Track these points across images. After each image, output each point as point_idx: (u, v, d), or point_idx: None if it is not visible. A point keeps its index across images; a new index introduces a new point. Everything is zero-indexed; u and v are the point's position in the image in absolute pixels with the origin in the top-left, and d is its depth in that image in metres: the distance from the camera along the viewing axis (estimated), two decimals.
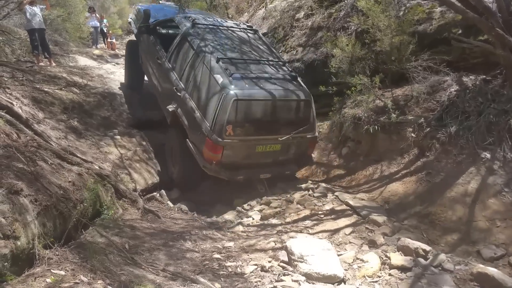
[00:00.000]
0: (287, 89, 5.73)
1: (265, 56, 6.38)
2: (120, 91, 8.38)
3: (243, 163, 5.62)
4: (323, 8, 7.71)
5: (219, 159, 5.33)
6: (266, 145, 5.60)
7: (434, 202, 4.45)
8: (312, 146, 6.18)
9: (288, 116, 5.70)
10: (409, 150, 5.34)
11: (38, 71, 7.79)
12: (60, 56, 11.25)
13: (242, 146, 5.50)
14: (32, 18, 8.80)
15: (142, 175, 6.04)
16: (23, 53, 10.48)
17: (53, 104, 6.45)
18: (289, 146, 5.81)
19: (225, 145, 5.27)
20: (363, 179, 5.70)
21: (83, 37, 14.68)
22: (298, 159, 6.06)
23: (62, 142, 5.39)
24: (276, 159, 5.87)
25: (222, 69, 5.48)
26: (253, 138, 5.48)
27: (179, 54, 6.38)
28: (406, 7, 6.13)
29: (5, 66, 6.94)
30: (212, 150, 5.29)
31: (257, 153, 5.60)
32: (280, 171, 5.95)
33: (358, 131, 6.01)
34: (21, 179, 3.28)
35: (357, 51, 6.14)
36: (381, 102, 5.87)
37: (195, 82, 5.82)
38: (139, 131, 7.19)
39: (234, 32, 6.80)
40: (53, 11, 12.38)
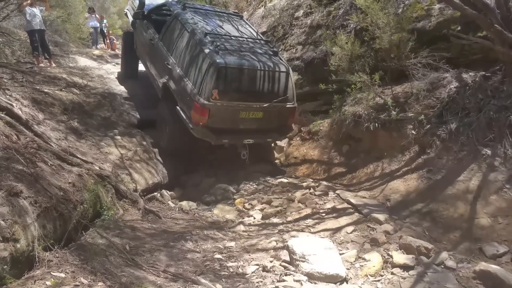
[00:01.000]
0: (268, 62, 6.24)
1: (248, 35, 6.94)
2: (120, 91, 8.38)
3: (227, 128, 6.12)
4: (322, 6, 7.70)
5: (205, 122, 5.83)
6: (249, 111, 6.10)
7: (436, 200, 4.43)
8: (292, 116, 6.66)
9: (269, 86, 6.20)
10: (410, 147, 5.32)
11: (38, 72, 7.78)
12: (60, 57, 11.24)
13: (227, 111, 5.98)
14: (32, 19, 8.81)
15: (143, 175, 6.03)
16: (23, 54, 10.48)
17: (53, 105, 6.44)
18: (271, 114, 6.30)
19: (211, 108, 5.76)
20: (364, 177, 5.68)
21: (83, 37, 14.69)
22: (279, 128, 6.59)
23: (62, 143, 5.38)
24: (259, 127, 6.36)
25: (209, 42, 6.03)
26: (237, 103, 5.98)
27: (170, 33, 6.94)
28: (404, 4, 6.10)
29: (5, 68, 6.93)
30: (199, 112, 5.79)
31: (241, 119, 6.10)
32: (263, 138, 6.54)
33: (358, 129, 5.99)
34: (21, 181, 3.28)
35: (356, 49, 6.14)
36: (381, 100, 5.86)
37: (184, 55, 6.36)
38: (140, 131, 7.17)
39: (221, 16, 7.50)
40: (53, 12, 12.41)
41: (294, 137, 7.59)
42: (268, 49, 6.59)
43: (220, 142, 6.16)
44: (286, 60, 8.13)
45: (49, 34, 11.41)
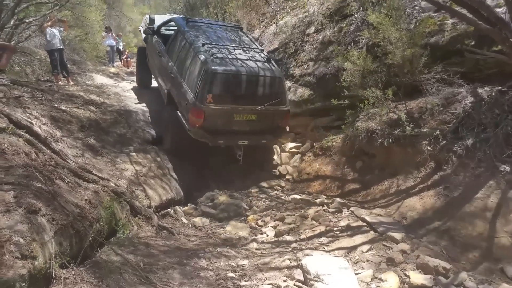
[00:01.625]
0: (261, 68, 6.67)
1: (244, 45, 7.38)
2: (136, 109, 8.52)
3: (223, 129, 6.55)
4: (333, 23, 7.74)
5: (201, 123, 6.29)
6: (243, 114, 6.54)
7: (453, 217, 4.35)
8: (286, 118, 7.07)
9: (261, 90, 6.61)
10: (426, 163, 5.25)
11: (57, 90, 7.99)
12: (78, 75, 11.54)
13: (221, 113, 6.43)
14: (52, 39, 9.10)
15: (157, 191, 6.08)
16: (42, 73, 10.81)
17: (70, 123, 6.58)
18: (264, 116, 6.73)
19: (206, 111, 6.22)
20: (379, 194, 5.62)
21: (100, 55, 15.05)
22: (273, 130, 6.98)
23: (79, 160, 5.48)
24: (253, 128, 6.78)
25: (205, 50, 6.54)
26: (230, 106, 6.41)
27: (174, 45, 7.59)
28: (417, 19, 6.10)
29: (25, 87, 7.13)
30: (195, 115, 6.27)
31: (235, 121, 6.55)
32: (257, 139, 6.92)
33: (372, 145, 5.95)
34: (39, 198, 3.35)
35: (368, 64, 6.13)
36: (395, 115, 5.82)
37: (184, 64, 6.90)
38: (154, 147, 7.27)
39: (221, 28, 8.11)
40: (71, 31, 12.77)
41: (307, 153, 7.58)
42: (262, 57, 7.05)
43: (216, 143, 6.61)
44: (298, 76, 8.24)
45: (67, 53, 11.76)
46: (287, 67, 8.71)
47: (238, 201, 6.07)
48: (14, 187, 3.33)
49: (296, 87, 8.21)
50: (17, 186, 3.35)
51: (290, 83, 8.41)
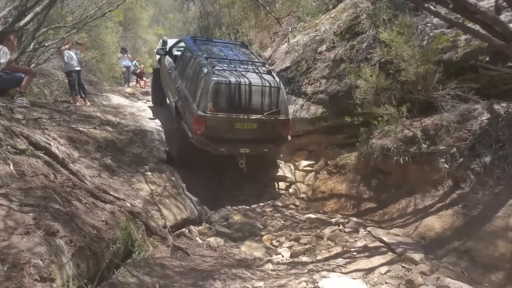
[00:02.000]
0: (261, 79, 6.95)
1: (247, 59, 7.79)
2: (151, 128, 8.64)
3: (224, 137, 6.76)
4: (345, 40, 7.79)
5: (202, 131, 6.57)
6: (244, 122, 6.78)
7: (474, 237, 4.24)
8: (287, 128, 7.29)
9: (261, 100, 6.86)
10: (443, 181, 5.17)
11: (74, 111, 8.15)
12: (94, 95, 11.80)
13: (222, 122, 6.68)
14: (69, 61, 9.35)
15: (172, 211, 6.10)
16: (60, 94, 11.08)
17: (87, 143, 6.69)
18: (265, 125, 6.96)
19: (207, 119, 6.52)
20: (396, 213, 5.54)
21: (116, 76, 15.37)
22: (275, 139, 7.18)
23: (95, 180, 5.55)
24: (254, 137, 6.96)
25: (208, 63, 6.90)
26: (231, 115, 6.65)
27: (182, 62, 8.08)
28: (429, 36, 6.11)
29: (44, 108, 7.29)
30: (197, 123, 6.56)
31: (236, 130, 6.76)
32: (258, 148, 7.13)
33: (387, 162, 5.90)
34: (58, 220, 3.39)
35: (381, 82, 6.13)
36: (410, 132, 5.78)
37: (189, 77, 7.30)
38: (169, 166, 7.32)
39: (226, 45, 8.63)
40: (88, 53, 13.12)
41: (321, 171, 7.54)
42: (263, 69, 7.38)
43: (217, 151, 6.81)
44: (310, 94, 8.27)
45: (84, 74, 12.04)
46: (299, 85, 8.76)
47: (252, 221, 6.06)
48: (33, 209, 3.39)
49: (308, 105, 8.24)
50: (36, 208, 3.41)
51: (302, 101, 8.45)
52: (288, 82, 9.16)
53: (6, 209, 3.26)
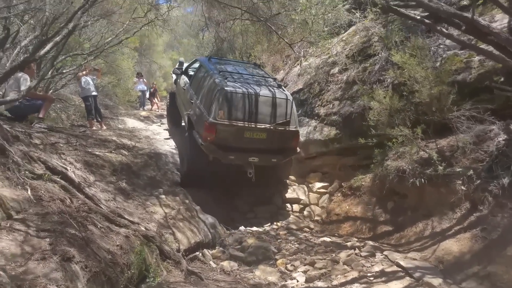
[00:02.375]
0: (271, 91, 7.12)
1: (257, 74, 8.01)
2: (165, 151, 8.72)
3: (234, 146, 6.85)
4: (357, 62, 7.83)
5: (213, 138, 6.70)
6: (253, 132, 6.88)
7: (493, 261, 4.13)
8: (296, 139, 7.33)
9: (270, 110, 6.97)
10: (460, 204, 5.08)
11: (91, 135, 8.30)
12: (110, 119, 12.01)
13: (232, 130, 6.78)
14: (86, 86, 9.58)
15: (185, 234, 6.08)
16: (76, 118, 11.31)
17: (103, 167, 6.78)
18: (274, 135, 7.01)
19: (217, 126, 6.67)
20: (413, 236, 5.43)
21: (131, 100, 15.66)
22: (284, 150, 7.21)
23: (111, 204, 5.59)
24: (263, 147, 7.06)
25: (221, 75, 7.20)
26: (241, 123, 6.77)
27: (196, 77, 8.38)
28: (442, 57, 6.11)
29: (61, 133, 7.44)
30: (207, 130, 6.71)
31: (245, 138, 6.87)
32: (267, 158, 7.10)
33: (403, 184, 5.82)
34: (73, 245, 3.42)
35: (395, 103, 6.11)
36: (425, 154, 5.72)
37: (202, 89, 7.56)
38: (182, 189, 7.35)
39: (239, 63, 8.99)
40: (104, 78, 13.42)
41: (335, 193, 7.48)
42: (273, 83, 7.54)
43: (227, 159, 6.88)
44: (323, 115, 8.28)
45: (100, 98, 12.29)
46: (312, 106, 8.80)
47: (266, 244, 5.99)
48: (50, 234, 3.42)
49: (322, 126, 8.24)
50: (52, 233, 3.44)
51: (315, 123, 8.47)
52: (301, 104, 9.21)
53: (24, 235, 3.30)
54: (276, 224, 7.07)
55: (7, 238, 3.17)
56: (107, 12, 9.78)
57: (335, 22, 5.73)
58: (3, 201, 3.59)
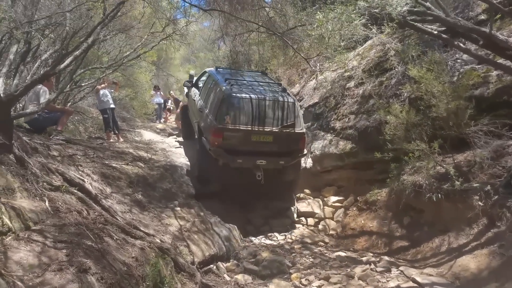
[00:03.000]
0: (276, 96, 7.33)
1: (263, 81, 8.26)
2: (181, 163, 8.80)
3: (241, 150, 7.03)
4: (373, 77, 7.82)
5: (220, 143, 6.90)
6: (260, 135, 7.03)
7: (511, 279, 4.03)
8: (302, 141, 7.43)
9: (276, 114, 7.13)
10: (478, 219, 4.98)
11: (108, 147, 8.44)
12: (127, 131, 12.21)
13: (239, 134, 6.96)
14: (104, 99, 9.78)
15: (200, 247, 6.09)
16: (94, 130, 11.53)
17: (120, 179, 6.87)
18: (280, 138, 7.14)
19: (225, 131, 6.89)
20: (429, 252, 5.34)
21: (148, 113, 15.89)
22: (291, 152, 7.29)
23: (126, 216, 5.66)
24: (270, 150, 7.17)
25: (227, 82, 7.42)
26: (247, 127, 6.96)
27: (205, 87, 8.62)
28: (459, 72, 6.06)
29: (79, 145, 7.60)
30: (215, 135, 6.94)
31: (253, 142, 7.03)
32: (275, 160, 7.19)
33: (419, 199, 5.75)
34: (89, 257, 3.47)
35: (412, 118, 6.07)
36: (442, 169, 5.64)
37: (210, 97, 7.79)
38: (197, 202, 7.38)
39: (245, 72, 9.33)
40: (122, 91, 13.68)
41: (351, 207, 7.42)
42: (278, 88, 7.77)
43: (235, 162, 7.04)
44: (339, 129, 8.27)
45: (117, 111, 12.50)
46: (327, 120, 8.80)
47: (281, 258, 5.96)
48: (66, 246, 3.48)
49: (337, 140, 8.22)
50: (69, 245, 3.50)
51: (331, 136, 8.45)
52: (317, 117, 9.22)
53: (41, 245, 3.37)
54: (290, 237, 7.03)
55: (25, 248, 3.24)
56: (126, 26, 10.02)
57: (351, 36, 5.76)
58: (22, 212, 3.68)
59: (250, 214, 7.98)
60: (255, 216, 7.92)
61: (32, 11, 6.54)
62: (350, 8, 5.21)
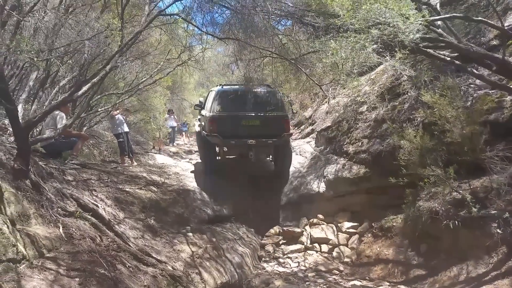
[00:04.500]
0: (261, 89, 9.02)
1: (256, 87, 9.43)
2: (194, 188, 8.81)
3: (234, 134, 8.40)
4: (386, 101, 7.81)
5: (215, 128, 8.36)
6: (248, 120, 8.52)
7: None
8: (287, 123, 8.82)
9: (260, 101, 8.77)
10: (497, 248, 4.84)
11: (122, 171, 8.51)
12: (141, 155, 12.31)
13: (230, 120, 8.48)
14: (119, 123, 9.94)
15: (212, 274, 6.03)
16: (108, 154, 11.67)
17: (133, 204, 6.90)
18: (266, 121, 8.59)
19: (218, 118, 8.47)
20: (447, 281, 5.17)
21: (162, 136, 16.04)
22: (277, 133, 8.55)
23: (139, 242, 5.66)
24: (259, 132, 8.47)
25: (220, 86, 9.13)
26: (236, 113, 8.53)
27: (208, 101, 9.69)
28: (473, 97, 6.02)
29: (93, 169, 7.69)
30: (210, 123, 8.50)
31: (243, 126, 8.45)
32: (263, 141, 8.56)
33: (436, 226, 5.61)
34: (102, 285, 3.47)
35: (426, 143, 6.00)
36: (459, 195, 5.53)
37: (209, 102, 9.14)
38: (210, 227, 7.35)
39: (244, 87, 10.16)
40: (137, 115, 13.89)
41: (365, 233, 7.28)
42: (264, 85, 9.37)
43: (229, 143, 8.74)
44: (352, 153, 8.21)
45: (132, 134, 12.67)
46: (340, 144, 8.76)
47: (294, 287, 5.84)
48: (80, 274, 3.50)
49: (350, 165, 8.16)
50: (82, 273, 3.51)
51: (344, 160, 8.40)
52: (329, 141, 9.20)
53: (54, 274, 3.38)
54: (304, 265, 6.92)
55: (39, 277, 3.26)
56: (142, 53, 10.25)
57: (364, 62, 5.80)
58: (36, 239, 3.72)
59: (263, 240, 7.91)
60: (268, 242, 7.84)
61: (52, 39, 6.73)
62: (363, 36, 5.26)
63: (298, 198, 8.78)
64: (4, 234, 3.23)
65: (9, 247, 3.21)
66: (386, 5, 5.26)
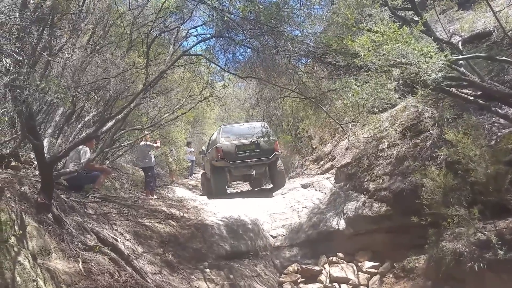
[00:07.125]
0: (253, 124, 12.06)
1: None
2: (212, 222, 8.78)
3: (236, 157, 11.56)
4: (408, 138, 7.73)
5: (222, 155, 11.44)
6: (246, 145, 11.72)
7: None
8: (275, 145, 11.57)
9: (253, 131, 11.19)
10: None
11: (142, 205, 8.58)
12: (160, 188, 12.45)
13: (232, 147, 11.63)
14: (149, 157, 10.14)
15: None
16: (129, 187, 11.84)
17: (151, 238, 6.90)
18: (259, 145, 11.52)
19: (222, 147, 11.58)
20: None
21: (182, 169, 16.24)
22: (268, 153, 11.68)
23: (156, 278, 5.63)
24: (255, 154, 11.68)
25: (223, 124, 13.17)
26: (236, 142, 11.76)
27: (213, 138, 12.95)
28: (497, 136, 5.91)
29: (114, 203, 7.78)
30: (217, 151, 11.58)
31: (242, 151, 11.64)
32: (259, 159, 11.64)
33: (460, 268, 5.39)
34: None
35: (449, 181, 5.87)
36: (483, 236, 5.34)
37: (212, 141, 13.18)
38: (227, 263, 7.26)
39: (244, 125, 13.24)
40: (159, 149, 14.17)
41: (387, 274, 7.04)
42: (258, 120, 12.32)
43: (234, 164, 11.49)
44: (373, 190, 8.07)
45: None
46: (360, 181, 8.65)
47: None
48: None
49: (371, 202, 8.01)
50: None
51: (364, 198, 8.26)
52: (349, 178, 9.10)
53: None
54: None
55: None
56: (165, 89, 10.59)
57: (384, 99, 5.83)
58: (56, 275, 3.76)
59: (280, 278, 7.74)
60: (286, 279, 7.66)
61: (79, 76, 7.04)
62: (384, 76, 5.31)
63: (317, 235, 8.60)
64: (26, 269, 3.28)
65: (29, 282, 3.25)
66: (408, 45, 5.31)
